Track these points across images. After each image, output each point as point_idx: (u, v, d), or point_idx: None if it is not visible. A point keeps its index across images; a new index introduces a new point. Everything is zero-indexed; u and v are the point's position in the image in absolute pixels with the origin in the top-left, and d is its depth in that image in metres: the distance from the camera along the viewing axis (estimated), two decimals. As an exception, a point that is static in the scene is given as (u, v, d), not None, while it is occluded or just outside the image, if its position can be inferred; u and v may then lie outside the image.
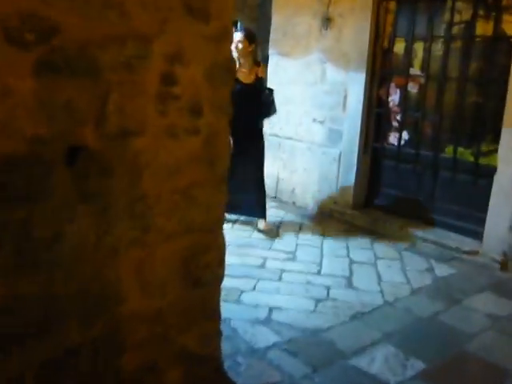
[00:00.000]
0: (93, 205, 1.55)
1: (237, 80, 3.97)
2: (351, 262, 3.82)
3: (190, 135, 1.81)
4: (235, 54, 4.00)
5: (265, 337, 2.67)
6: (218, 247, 2.04)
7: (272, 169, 5.27)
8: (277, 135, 5.41)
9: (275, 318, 2.87)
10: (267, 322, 2.83)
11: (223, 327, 2.20)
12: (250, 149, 4.27)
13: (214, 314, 2.12)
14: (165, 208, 1.78)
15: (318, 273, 3.57)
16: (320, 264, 3.73)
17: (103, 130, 1.53)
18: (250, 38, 4.19)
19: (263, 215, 4.43)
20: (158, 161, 1.72)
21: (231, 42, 1.92)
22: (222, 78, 1.87)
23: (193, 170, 1.85)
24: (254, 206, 4.44)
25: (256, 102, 4.23)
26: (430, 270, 3.72)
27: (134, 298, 1.73)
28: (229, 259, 3.66)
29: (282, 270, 3.58)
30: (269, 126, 5.24)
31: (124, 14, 1.51)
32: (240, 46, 4.13)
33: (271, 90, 4.35)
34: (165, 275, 1.83)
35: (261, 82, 4.34)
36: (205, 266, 1.97)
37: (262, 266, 3.66)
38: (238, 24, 6.03)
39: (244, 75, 4.19)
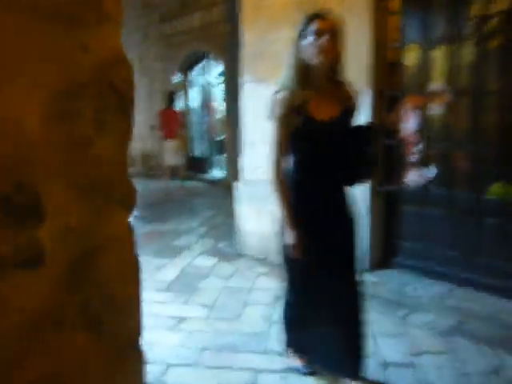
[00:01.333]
0: None
1: (306, 116, 2.12)
2: (382, 363, 2.63)
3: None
4: (316, 59, 2.08)
5: None
6: None
7: (258, 224, 4.15)
8: (260, 181, 4.27)
9: None
10: None
11: None
12: (336, 238, 2.28)
13: None
14: None
15: (340, 395, 2.37)
16: (339, 374, 2.53)
17: None
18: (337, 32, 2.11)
19: (354, 373, 2.34)
20: None
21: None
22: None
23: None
24: (343, 355, 2.34)
25: (344, 153, 2.20)
26: (501, 368, 2.53)
27: None
28: (202, 378, 2.51)
29: (285, 396, 2.37)
30: (247, 169, 4.18)
31: None
32: (325, 42, 2.06)
33: (368, 128, 2.34)
34: None
35: (352, 112, 2.23)
36: None
37: (254, 387, 2.45)
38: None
39: (319, 106, 2.13)
